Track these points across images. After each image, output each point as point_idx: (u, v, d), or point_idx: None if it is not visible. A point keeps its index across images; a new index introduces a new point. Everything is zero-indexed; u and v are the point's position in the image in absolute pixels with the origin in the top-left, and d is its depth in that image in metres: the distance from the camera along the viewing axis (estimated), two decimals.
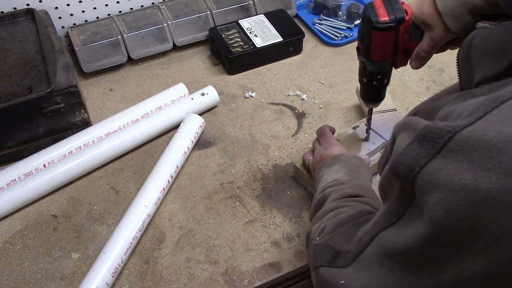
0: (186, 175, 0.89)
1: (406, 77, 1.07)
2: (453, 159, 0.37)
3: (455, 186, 0.36)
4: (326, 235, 0.59)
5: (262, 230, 0.81)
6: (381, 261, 0.45)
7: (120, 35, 1.05)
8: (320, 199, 0.68)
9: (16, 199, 0.81)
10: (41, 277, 0.75)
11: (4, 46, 0.93)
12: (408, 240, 0.41)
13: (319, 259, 0.56)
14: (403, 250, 0.42)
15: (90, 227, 0.81)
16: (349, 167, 0.72)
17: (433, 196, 0.37)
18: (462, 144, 0.36)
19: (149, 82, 1.06)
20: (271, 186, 0.87)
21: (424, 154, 0.39)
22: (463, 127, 0.37)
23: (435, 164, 0.38)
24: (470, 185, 0.35)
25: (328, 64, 1.11)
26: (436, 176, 0.37)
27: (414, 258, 0.41)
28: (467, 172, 0.36)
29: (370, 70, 0.73)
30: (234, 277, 0.75)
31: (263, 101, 1.02)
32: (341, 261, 0.52)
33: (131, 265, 0.76)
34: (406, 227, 0.42)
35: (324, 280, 0.54)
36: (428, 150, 0.38)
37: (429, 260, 0.40)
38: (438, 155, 0.38)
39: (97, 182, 0.88)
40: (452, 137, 0.37)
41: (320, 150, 0.80)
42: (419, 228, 0.39)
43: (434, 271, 0.39)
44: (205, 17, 1.12)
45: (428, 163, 0.38)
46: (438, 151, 0.38)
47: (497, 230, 0.34)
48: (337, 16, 1.20)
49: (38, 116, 0.88)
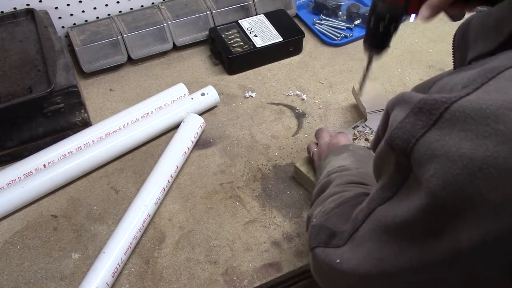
0: (186, 175, 0.89)
1: (406, 77, 1.07)
2: (450, 129, 0.37)
3: (452, 156, 0.36)
4: (323, 216, 0.59)
5: (262, 230, 0.81)
6: (376, 237, 0.45)
7: (120, 35, 1.05)
8: (325, 183, 0.68)
9: (16, 199, 0.81)
10: (41, 277, 0.75)
11: (4, 46, 0.93)
12: (405, 213, 0.40)
13: (314, 240, 0.56)
14: (399, 224, 0.41)
15: (90, 227, 0.81)
16: (356, 157, 0.72)
17: (430, 167, 0.37)
18: (459, 114, 0.36)
19: (149, 82, 1.06)
20: (271, 186, 0.87)
21: (420, 126, 0.39)
22: (460, 97, 0.37)
23: (431, 135, 0.38)
24: (467, 154, 0.35)
25: (328, 64, 1.11)
26: (433, 147, 0.37)
27: (410, 231, 0.41)
28: (464, 141, 0.35)
29: (380, 11, 0.71)
30: (234, 277, 0.75)
31: (263, 101, 1.02)
32: (337, 241, 0.52)
33: (131, 265, 0.76)
34: (402, 201, 0.42)
35: (320, 260, 0.54)
36: (424, 122, 0.38)
37: (426, 232, 0.39)
38: (434, 126, 0.38)
39: (97, 182, 0.88)
40: (448, 108, 0.37)
41: (330, 139, 0.80)
42: (416, 200, 0.39)
43: (431, 243, 0.39)
44: (205, 17, 1.12)
45: (425, 134, 0.38)
46: (434, 122, 0.38)
47: (494, 199, 0.34)
48: (337, 16, 1.20)
49: (38, 116, 0.88)
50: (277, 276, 0.75)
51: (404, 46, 1.15)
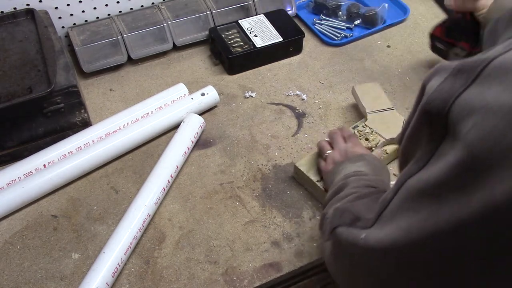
0: (186, 175, 0.89)
1: (406, 77, 1.07)
2: (489, 84, 0.37)
3: (491, 108, 0.36)
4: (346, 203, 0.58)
5: (262, 230, 0.81)
6: (406, 206, 0.43)
7: (120, 35, 1.05)
8: (341, 185, 0.68)
9: (16, 199, 0.81)
10: (41, 277, 0.75)
11: (4, 46, 0.93)
12: (438, 173, 0.40)
13: (337, 220, 0.55)
14: (432, 185, 0.40)
15: (90, 227, 0.81)
16: (371, 166, 0.72)
17: (469, 122, 0.37)
18: (498, 69, 0.37)
19: (149, 82, 1.06)
20: (271, 186, 0.87)
21: (459, 84, 0.39)
22: (499, 55, 0.37)
23: (470, 92, 0.38)
24: (506, 104, 0.35)
25: (328, 64, 1.11)
26: (472, 102, 0.37)
27: (443, 190, 0.39)
28: (503, 92, 0.36)
29: None
30: (234, 277, 0.75)
31: (263, 101, 1.02)
32: (362, 224, 0.51)
33: (131, 265, 0.76)
34: (435, 165, 0.41)
35: (341, 239, 0.53)
36: (463, 81, 0.38)
37: (459, 189, 0.38)
38: (474, 83, 0.38)
39: (97, 182, 0.88)
40: (487, 65, 0.37)
41: (346, 146, 0.79)
42: (451, 157, 0.38)
43: (464, 200, 0.38)
44: (205, 17, 1.12)
45: (464, 92, 0.38)
46: (473, 79, 0.38)
47: None
48: (337, 16, 1.20)
49: (38, 116, 0.88)
50: (277, 276, 0.75)
51: (404, 46, 1.15)
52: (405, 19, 1.22)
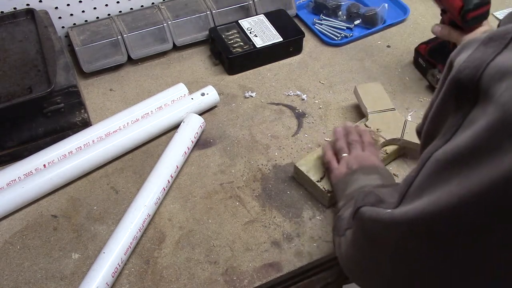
0: (186, 175, 0.89)
1: (406, 77, 1.07)
2: None
3: None
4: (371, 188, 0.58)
5: (262, 230, 0.81)
6: (435, 179, 0.42)
7: (120, 35, 1.05)
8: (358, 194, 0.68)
9: (16, 199, 0.81)
10: (41, 277, 0.75)
11: (4, 46, 0.93)
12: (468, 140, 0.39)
13: (362, 201, 0.55)
14: (461, 153, 0.39)
15: (90, 227, 0.81)
16: (384, 180, 0.73)
17: (502, 85, 0.37)
18: None
19: (149, 82, 1.06)
20: (271, 186, 0.87)
21: (491, 51, 0.39)
22: None
23: (503, 57, 0.38)
24: None
25: (328, 64, 1.11)
26: (505, 66, 0.37)
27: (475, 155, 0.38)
28: None
29: None
30: (234, 277, 0.75)
31: (263, 101, 1.02)
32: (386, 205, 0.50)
33: (131, 265, 0.76)
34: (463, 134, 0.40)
35: (364, 218, 0.53)
36: (495, 48, 0.39)
37: (492, 150, 0.37)
38: (506, 48, 0.38)
39: (97, 182, 0.88)
40: None
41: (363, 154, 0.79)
42: (482, 122, 0.38)
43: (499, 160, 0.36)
44: (205, 17, 1.12)
45: (495, 57, 0.38)
46: (505, 45, 0.38)
47: None
48: (337, 16, 1.20)
49: (38, 116, 0.88)
50: (277, 276, 0.75)
51: (404, 46, 1.15)
52: (405, 19, 1.22)
